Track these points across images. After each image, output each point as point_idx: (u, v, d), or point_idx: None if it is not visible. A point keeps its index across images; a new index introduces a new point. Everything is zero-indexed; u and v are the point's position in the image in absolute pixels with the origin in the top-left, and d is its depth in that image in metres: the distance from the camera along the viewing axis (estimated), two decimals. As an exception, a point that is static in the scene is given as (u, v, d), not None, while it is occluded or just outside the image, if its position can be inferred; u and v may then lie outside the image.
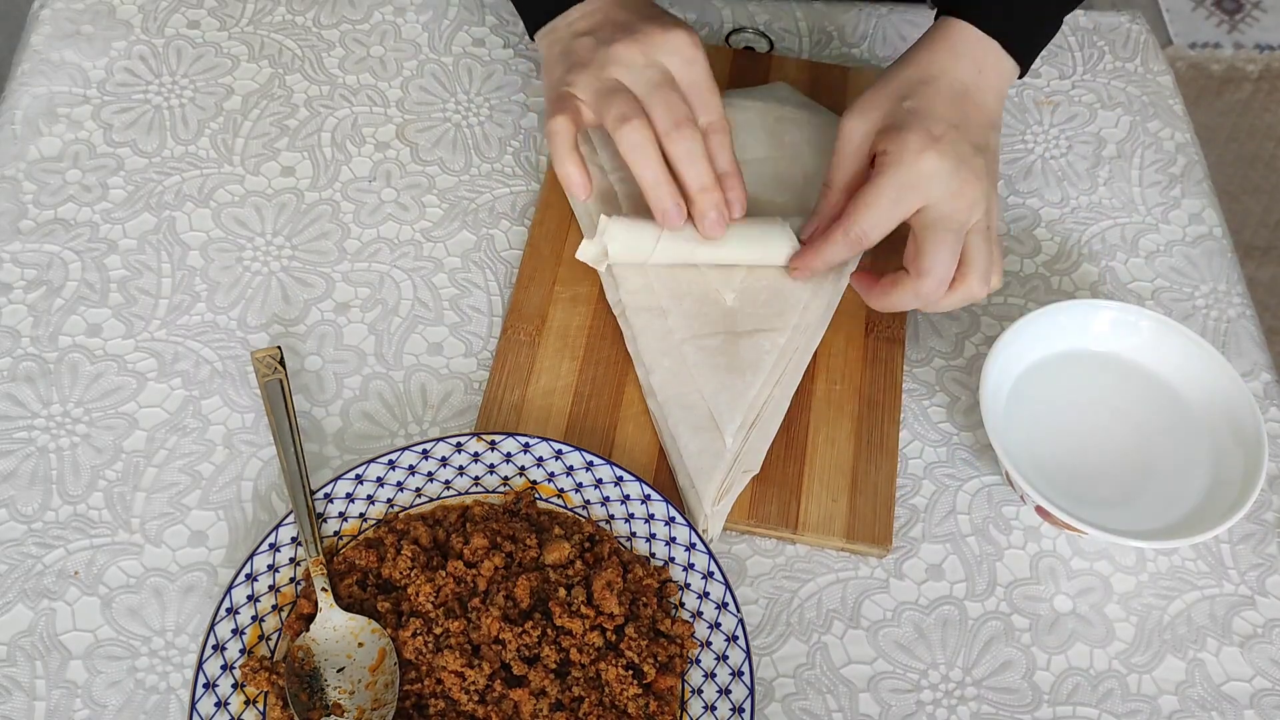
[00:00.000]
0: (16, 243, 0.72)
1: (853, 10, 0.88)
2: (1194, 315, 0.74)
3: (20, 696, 0.58)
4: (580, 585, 0.60)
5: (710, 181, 0.65)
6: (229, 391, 0.68)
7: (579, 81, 0.65)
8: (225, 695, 0.56)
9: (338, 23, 0.84)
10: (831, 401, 0.68)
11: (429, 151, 0.78)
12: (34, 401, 0.67)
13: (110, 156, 0.76)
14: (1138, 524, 0.63)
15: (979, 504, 0.67)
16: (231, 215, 0.75)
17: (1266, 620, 0.64)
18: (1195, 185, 0.80)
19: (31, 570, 0.62)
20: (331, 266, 0.73)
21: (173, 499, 0.64)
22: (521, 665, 0.57)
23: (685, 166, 0.64)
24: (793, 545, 0.65)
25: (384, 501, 0.63)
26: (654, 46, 0.65)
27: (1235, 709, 0.61)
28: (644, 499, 0.62)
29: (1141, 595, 0.64)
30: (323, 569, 0.59)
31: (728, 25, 0.86)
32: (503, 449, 0.64)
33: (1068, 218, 0.78)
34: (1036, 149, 0.81)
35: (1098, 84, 0.85)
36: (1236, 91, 2.03)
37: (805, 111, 0.77)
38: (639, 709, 0.57)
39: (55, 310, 0.70)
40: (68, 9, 0.83)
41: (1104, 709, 0.61)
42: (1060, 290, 0.75)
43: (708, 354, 0.67)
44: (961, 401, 0.70)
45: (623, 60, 0.64)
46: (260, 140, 0.78)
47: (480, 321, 0.72)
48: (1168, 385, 0.68)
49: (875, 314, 0.72)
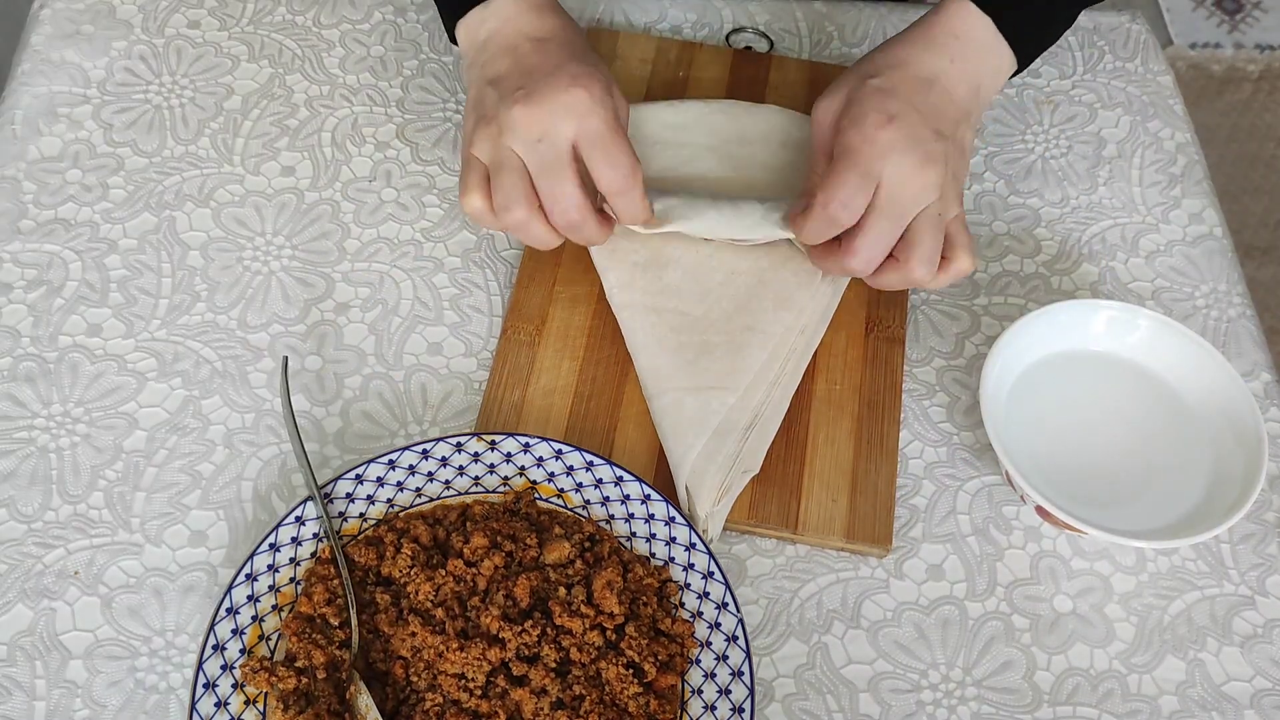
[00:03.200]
0: (16, 243, 0.72)
1: (853, 10, 0.88)
2: (1194, 315, 0.74)
3: (20, 696, 0.58)
4: (580, 585, 0.60)
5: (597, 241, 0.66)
6: (229, 391, 0.68)
7: (480, 145, 0.64)
8: (225, 695, 0.56)
9: (338, 22, 0.84)
10: (831, 401, 0.68)
11: (429, 151, 0.78)
12: (34, 401, 0.67)
13: (110, 156, 0.76)
14: (1138, 524, 0.63)
15: (979, 504, 0.67)
16: (232, 215, 0.75)
17: (1266, 620, 0.64)
18: (1195, 185, 0.80)
19: (31, 570, 0.62)
20: (331, 266, 0.73)
21: (173, 499, 0.64)
22: (521, 665, 0.58)
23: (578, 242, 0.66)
24: (793, 545, 0.65)
25: (384, 501, 0.63)
26: (549, 115, 0.62)
27: (1235, 709, 0.61)
28: (644, 499, 0.62)
29: (1142, 595, 0.64)
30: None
31: (728, 25, 0.86)
32: (503, 449, 0.64)
33: (1068, 218, 0.78)
34: (1036, 149, 0.81)
35: (1098, 84, 0.85)
36: (1236, 91, 2.03)
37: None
38: (639, 707, 0.57)
39: (55, 310, 0.70)
40: (68, 9, 0.83)
41: (1104, 709, 0.61)
42: (1060, 290, 0.75)
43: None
44: (961, 401, 0.70)
45: (518, 129, 0.62)
46: (260, 140, 0.78)
47: (480, 321, 0.72)
48: (1168, 385, 0.68)
49: (875, 314, 0.72)
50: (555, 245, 0.65)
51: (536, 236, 0.64)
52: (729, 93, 0.81)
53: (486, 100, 0.65)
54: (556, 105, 0.62)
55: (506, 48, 0.66)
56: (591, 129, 0.62)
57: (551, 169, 0.62)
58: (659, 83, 0.81)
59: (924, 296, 0.74)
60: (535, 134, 0.62)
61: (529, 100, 0.62)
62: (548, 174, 0.62)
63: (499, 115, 0.63)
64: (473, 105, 0.66)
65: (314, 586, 0.59)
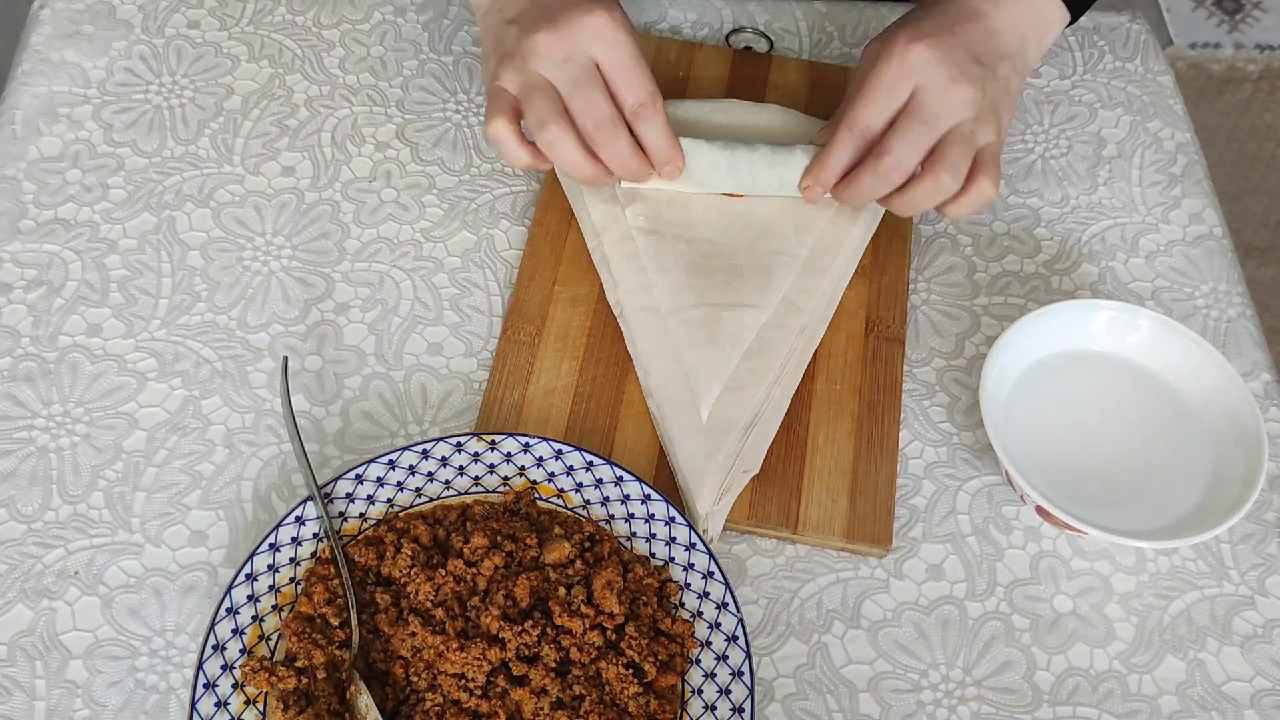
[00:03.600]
0: (16, 243, 0.72)
1: (853, 10, 0.88)
2: (1194, 315, 0.74)
3: (20, 696, 0.58)
4: (580, 585, 0.60)
5: (636, 170, 0.67)
6: (229, 391, 0.68)
7: (506, 75, 0.65)
8: (225, 695, 0.56)
9: (338, 22, 0.84)
10: (831, 401, 0.68)
11: (429, 151, 0.78)
12: (34, 401, 0.67)
13: (110, 156, 0.76)
14: (1138, 524, 0.63)
15: (979, 504, 0.67)
16: (231, 215, 0.75)
17: (1266, 620, 0.64)
18: (1195, 185, 0.80)
19: (31, 570, 0.62)
20: (331, 266, 0.73)
21: (173, 499, 0.64)
22: (521, 665, 0.57)
23: (611, 164, 0.66)
24: (793, 545, 0.65)
25: (384, 501, 0.63)
26: (573, 35, 0.64)
27: (1235, 709, 0.61)
28: (644, 499, 0.62)
29: (1142, 595, 0.64)
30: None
31: (728, 25, 0.86)
32: (503, 449, 0.64)
33: (1068, 218, 0.78)
34: (1036, 149, 0.81)
35: (1098, 84, 0.85)
36: (1236, 91, 2.03)
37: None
38: (640, 707, 0.57)
39: (55, 310, 0.70)
40: (68, 9, 0.83)
41: (1104, 709, 0.61)
42: (1060, 290, 0.75)
43: (690, 327, 0.68)
44: (961, 401, 0.70)
45: (543, 53, 0.64)
46: (260, 140, 0.78)
47: (480, 321, 0.72)
48: (1168, 385, 0.68)
49: (875, 314, 0.72)
50: (586, 172, 0.66)
51: (568, 157, 0.65)
52: (729, 93, 0.81)
53: (507, 38, 0.66)
54: (580, 26, 0.64)
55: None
56: (615, 49, 0.64)
57: (581, 84, 0.64)
58: (659, 83, 0.81)
59: (924, 297, 0.74)
60: (561, 55, 0.64)
61: (551, 24, 0.64)
62: (579, 88, 0.64)
63: (521, 46, 0.65)
64: (492, 47, 0.68)
65: (314, 586, 0.59)
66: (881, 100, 0.65)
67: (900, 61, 0.64)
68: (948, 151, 0.64)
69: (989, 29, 0.66)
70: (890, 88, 0.64)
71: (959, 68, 0.64)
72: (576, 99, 0.64)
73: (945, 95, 0.64)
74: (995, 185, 0.66)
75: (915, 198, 0.66)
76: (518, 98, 0.65)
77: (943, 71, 0.64)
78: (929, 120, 0.64)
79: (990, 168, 0.65)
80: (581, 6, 0.64)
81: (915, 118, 0.64)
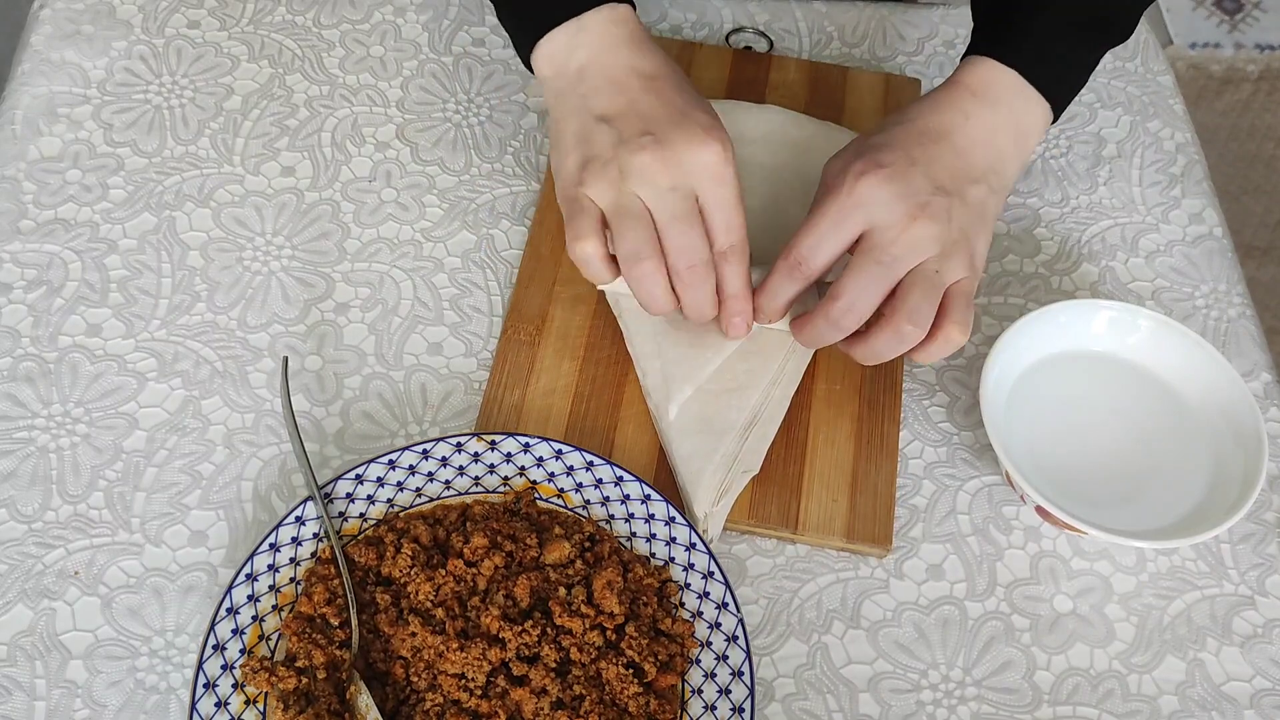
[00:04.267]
0: (16, 243, 0.72)
1: (853, 10, 0.88)
2: (1194, 315, 0.74)
3: (20, 696, 0.58)
4: (580, 585, 0.60)
5: (708, 315, 0.62)
6: (229, 391, 0.68)
7: (596, 186, 0.60)
8: (225, 695, 0.56)
9: (338, 23, 0.84)
10: (831, 401, 0.68)
11: (429, 151, 0.78)
12: (34, 401, 0.67)
13: (110, 156, 0.76)
14: (1138, 524, 0.63)
15: (979, 504, 0.67)
16: (231, 215, 0.75)
17: (1266, 620, 0.64)
18: (1195, 185, 0.80)
19: (31, 570, 0.62)
20: (331, 266, 0.73)
21: (173, 499, 0.64)
22: (521, 665, 0.58)
23: (689, 307, 0.62)
24: (793, 545, 0.65)
25: (384, 501, 0.63)
26: (685, 166, 0.59)
27: (1235, 709, 0.61)
28: (644, 499, 0.62)
29: (1141, 595, 0.64)
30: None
31: (728, 25, 0.86)
32: (503, 449, 0.64)
33: (1068, 218, 0.78)
34: (1037, 149, 0.81)
35: (1098, 84, 0.85)
36: (1236, 91, 2.03)
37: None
38: (640, 707, 0.57)
39: (55, 310, 0.70)
40: (68, 9, 0.83)
41: (1104, 709, 0.61)
42: (1060, 290, 0.75)
43: (678, 328, 0.67)
44: (961, 401, 0.70)
45: (648, 178, 0.59)
46: (260, 140, 0.78)
47: (480, 321, 0.72)
48: (1168, 385, 0.68)
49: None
50: (665, 309, 0.62)
51: (652, 294, 0.61)
52: (729, 93, 0.81)
53: (597, 139, 0.61)
54: (695, 159, 0.59)
55: (613, 82, 0.62)
56: (722, 189, 0.60)
57: (681, 219, 0.59)
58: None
59: (924, 296, 0.74)
60: (666, 183, 0.59)
61: (661, 147, 0.59)
62: (678, 222, 0.59)
63: (620, 158, 0.59)
64: (576, 141, 0.62)
65: (314, 586, 0.59)
66: (824, 234, 0.60)
67: (848, 195, 0.59)
68: (909, 295, 0.58)
69: (957, 147, 0.61)
70: (835, 221, 0.59)
71: (917, 202, 0.58)
72: (673, 234, 0.59)
73: (903, 234, 0.58)
74: (965, 331, 0.59)
75: (876, 347, 0.60)
76: (605, 214, 0.61)
77: (898, 207, 0.58)
78: (885, 261, 0.58)
79: (959, 310, 0.59)
80: (694, 135, 0.59)
81: (869, 258, 0.58)
